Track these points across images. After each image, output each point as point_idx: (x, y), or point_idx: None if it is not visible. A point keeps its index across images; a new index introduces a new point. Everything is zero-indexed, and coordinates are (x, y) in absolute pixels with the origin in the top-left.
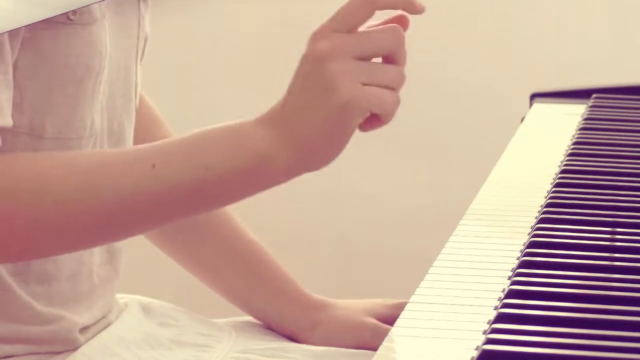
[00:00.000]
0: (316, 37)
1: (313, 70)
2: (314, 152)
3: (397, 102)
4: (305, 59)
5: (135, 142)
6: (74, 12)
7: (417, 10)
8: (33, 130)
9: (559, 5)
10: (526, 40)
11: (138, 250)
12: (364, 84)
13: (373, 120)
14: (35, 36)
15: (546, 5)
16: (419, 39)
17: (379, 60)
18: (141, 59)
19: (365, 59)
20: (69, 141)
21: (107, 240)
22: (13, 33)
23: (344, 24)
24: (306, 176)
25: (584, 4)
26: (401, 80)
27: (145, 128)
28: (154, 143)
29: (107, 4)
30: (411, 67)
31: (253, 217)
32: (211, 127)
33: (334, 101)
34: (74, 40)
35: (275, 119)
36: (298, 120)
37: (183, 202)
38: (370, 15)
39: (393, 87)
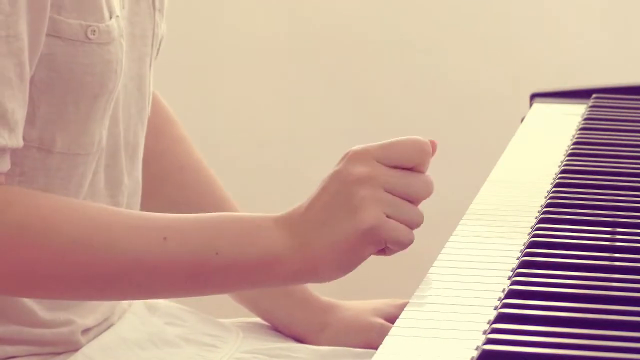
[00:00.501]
0: (356, 158)
1: (344, 191)
2: (322, 267)
3: (411, 241)
4: (338, 175)
5: (146, 142)
6: (93, 31)
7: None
8: (43, 144)
9: (559, 5)
10: (526, 40)
11: None
12: (387, 216)
13: (379, 252)
14: (52, 52)
15: (546, 5)
16: (420, 39)
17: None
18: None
19: (394, 194)
20: (77, 157)
21: (100, 298)
22: (33, 52)
23: (389, 159)
24: (308, 176)
25: (584, 4)
26: (420, 221)
27: (158, 127)
28: (170, 215)
29: (124, 16)
30: (412, 67)
31: None
32: (231, 214)
33: (358, 225)
34: (92, 59)
35: (294, 225)
36: (317, 233)
37: (185, 280)
38: (418, 163)
39: (411, 226)
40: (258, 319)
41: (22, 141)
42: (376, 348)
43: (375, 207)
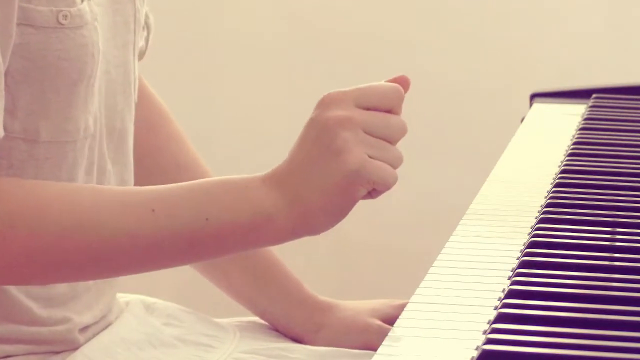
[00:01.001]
0: (332, 102)
1: (325, 135)
2: (315, 217)
3: (396, 180)
4: (316, 121)
5: (141, 138)
6: (65, 16)
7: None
8: (27, 134)
9: (559, 5)
10: (526, 40)
11: None
12: (370, 157)
13: (365, 195)
14: (25, 41)
15: (546, 5)
16: (420, 39)
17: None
18: (143, 54)
19: (373, 135)
20: (64, 144)
21: (101, 277)
22: (4, 43)
23: (366, 101)
24: None
25: (584, 3)
26: (400, 161)
27: (152, 124)
28: (156, 187)
29: (100, 3)
30: (412, 67)
31: None
32: (217, 179)
33: (345, 167)
34: (66, 44)
35: (282, 179)
36: (305, 182)
37: (180, 249)
38: (394, 106)
39: (394, 165)
40: (255, 318)
41: (2, 131)
42: (374, 349)
43: (359, 148)
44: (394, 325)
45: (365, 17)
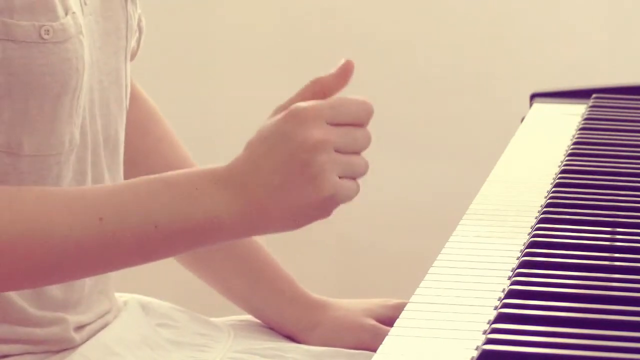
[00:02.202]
0: (308, 120)
1: (300, 157)
2: (274, 226)
3: (358, 192)
4: (291, 138)
5: (133, 140)
6: (47, 31)
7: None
8: (10, 148)
9: (560, 5)
10: (526, 40)
11: None
12: (340, 176)
13: None
14: (7, 57)
15: (547, 6)
16: (420, 38)
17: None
18: (135, 55)
19: (344, 152)
20: (48, 157)
21: (55, 282)
22: None
23: (337, 118)
24: None
25: (584, 4)
26: (366, 169)
27: (143, 125)
28: (103, 190)
29: (91, 12)
30: (411, 66)
31: None
32: (166, 181)
33: (319, 193)
34: (49, 59)
35: (239, 185)
36: (271, 195)
37: (130, 255)
38: (364, 121)
39: (359, 177)
40: (250, 317)
41: None
42: (367, 349)
43: (333, 173)
44: (394, 325)
45: (365, 17)
